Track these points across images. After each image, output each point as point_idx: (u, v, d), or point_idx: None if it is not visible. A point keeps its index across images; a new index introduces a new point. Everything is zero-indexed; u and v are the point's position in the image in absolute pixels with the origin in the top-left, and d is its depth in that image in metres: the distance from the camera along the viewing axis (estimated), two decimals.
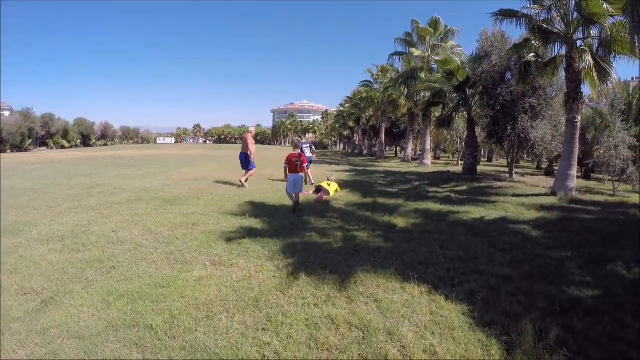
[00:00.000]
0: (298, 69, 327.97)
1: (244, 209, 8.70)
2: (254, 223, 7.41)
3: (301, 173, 8.74)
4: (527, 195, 11.75)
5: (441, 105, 20.66)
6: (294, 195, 8.64)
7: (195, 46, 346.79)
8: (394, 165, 26.23)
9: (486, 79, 15.42)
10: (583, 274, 5.08)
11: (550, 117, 15.57)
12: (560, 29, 12.00)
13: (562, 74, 13.18)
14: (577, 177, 14.09)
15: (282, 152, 57.27)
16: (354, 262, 5.31)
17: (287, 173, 9.15)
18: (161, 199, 9.58)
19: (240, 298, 4.17)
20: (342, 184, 13.43)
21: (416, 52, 23.50)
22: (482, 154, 37.92)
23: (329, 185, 11.27)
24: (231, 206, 9.04)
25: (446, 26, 24.35)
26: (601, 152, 13.52)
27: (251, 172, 12.56)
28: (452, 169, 22.29)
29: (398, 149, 48.16)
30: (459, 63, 18.05)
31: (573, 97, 11.83)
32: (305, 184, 11.51)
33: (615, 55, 11.59)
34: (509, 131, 14.90)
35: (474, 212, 9.17)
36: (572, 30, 11.72)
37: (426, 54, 23.16)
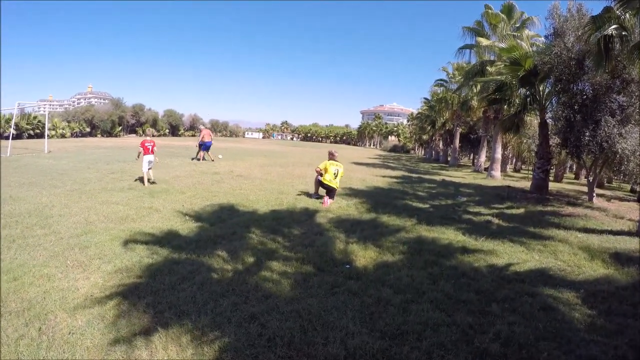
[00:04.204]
0: (389, 70, 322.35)
1: (202, 209, 7.97)
2: (185, 228, 6.54)
3: (152, 154, 10.90)
4: (600, 232, 8.05)
5: (507, 104, 16.92)
6: (148, 172, 10.70)
7: (284, 42, 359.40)
8: (459, 175, 22.91)
9: (558, 67, 11.85)
10: None
11: None
12: None
13: None
14: None
15: (365, 152, 56.72)
16: (192, 310, 3.62)
17: (142, 155, 10.83)
18: (149, 190, 9.71)
19: (32, 306, 3.60)
20: (367, 193, 11.79)
21: (485, 42, 19.83)
22: (571, 168, 32.59)
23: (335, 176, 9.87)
24: (198, 204, 8.48)
25: (522, 13, 20.60)
26: None
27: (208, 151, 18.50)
28: (518, 184, 18.48)
29: (477, 157, 43.57)
30: (527, 50, 14.27)
31: None
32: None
33: None
34: (587, 139, 11.28)
35: (502, 253, 6.05)
36: None
37: (496, 44, 19.46)
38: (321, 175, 9.76)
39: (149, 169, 10.76)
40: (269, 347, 3.02)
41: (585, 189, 15.38)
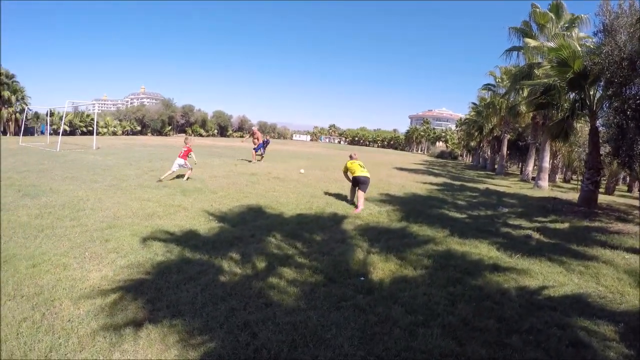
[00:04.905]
0: (439, 74, 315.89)
1: (229, 210, 7.99)
2: (207, 228, 6.56)
3: (183, 159, 11.42)
4: None
5: (555, 109, 15.73)
6: (175, 170, 11.36)
7: (333, 46, 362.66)
8: (504, 184, 21.65)
9: (609, 68, 10.80)
10: None
11: None
12: None
13: None
14: None
15: (411, 157, 55.09)
16: (188, 310, 3.62)
17: (178, 157, 11.52)
18: (182, 189, 9.81)
19: (42, 292, 3.83)
20: (402, 200, 11.38)
21: (532, 43, 18.60)
22: (624, 179, 30.42)
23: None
24: (226, 204, 8.50)
25: (572, 14, 19.25)
26: None
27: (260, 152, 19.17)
28: (565, 195, 17.30)
29: (525, 165, 41.65)
30: (577, 49, 13.12)
31: None
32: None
33: None
34: None
35: (537, 274, 5.40)
36: None
37: (544, 44, 18.21)
38: (348, 177, 9.69)
39: (177, 168, 11.50)
40: (253, 359, 2.90)
41: (638, 203, 14.21)
